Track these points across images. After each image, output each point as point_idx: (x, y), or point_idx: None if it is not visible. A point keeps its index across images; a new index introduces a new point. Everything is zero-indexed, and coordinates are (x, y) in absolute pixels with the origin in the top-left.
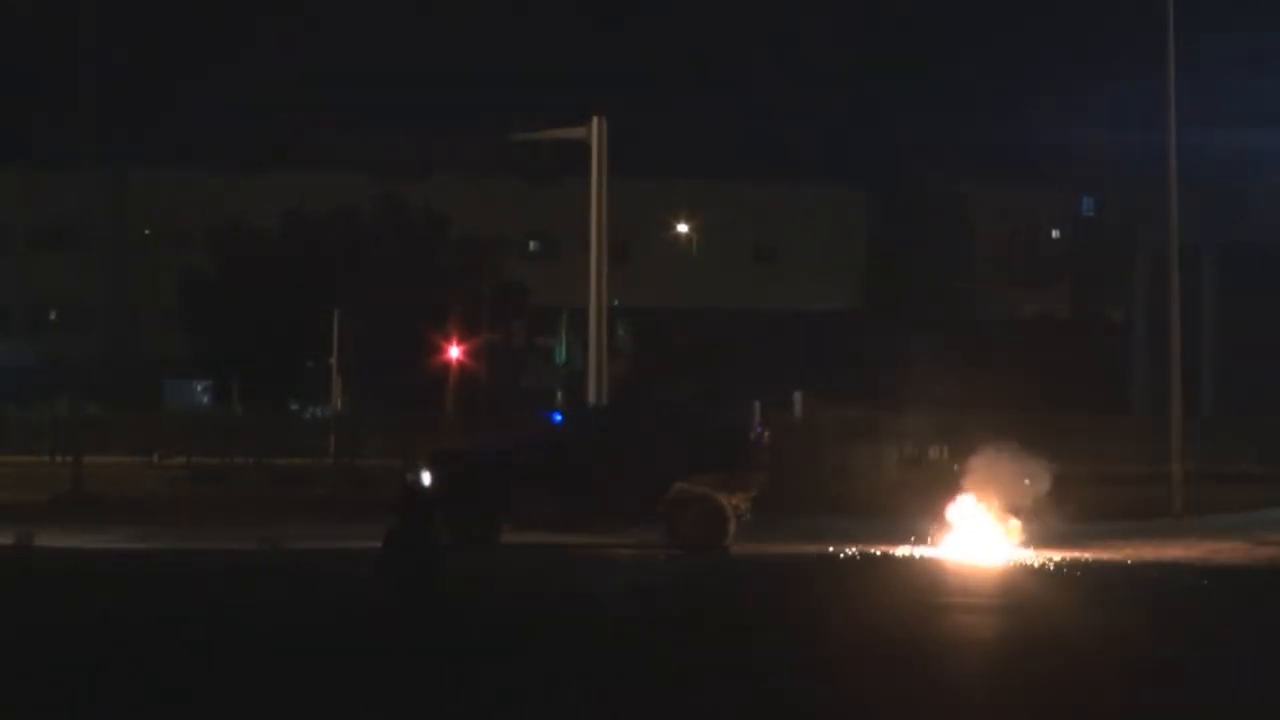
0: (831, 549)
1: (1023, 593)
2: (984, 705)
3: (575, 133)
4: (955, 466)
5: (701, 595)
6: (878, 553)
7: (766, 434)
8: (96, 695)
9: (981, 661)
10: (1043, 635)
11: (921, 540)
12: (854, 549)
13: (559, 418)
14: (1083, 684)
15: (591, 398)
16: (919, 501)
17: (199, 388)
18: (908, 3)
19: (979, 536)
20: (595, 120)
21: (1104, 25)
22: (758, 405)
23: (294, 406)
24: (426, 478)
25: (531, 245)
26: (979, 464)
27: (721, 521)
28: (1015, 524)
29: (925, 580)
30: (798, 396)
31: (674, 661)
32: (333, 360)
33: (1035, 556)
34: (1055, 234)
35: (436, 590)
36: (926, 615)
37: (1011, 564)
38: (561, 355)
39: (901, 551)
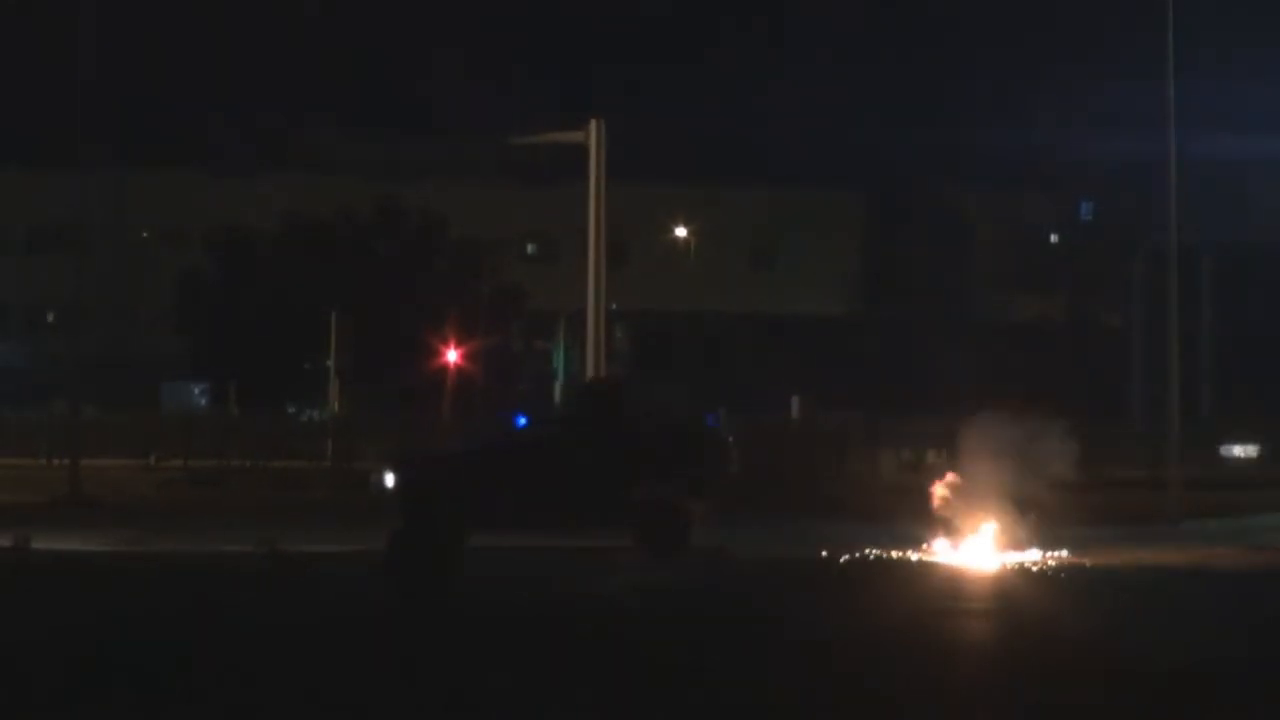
0: (818, 552)
1: (1017, 600)
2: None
3: (573, 136)
4: (950, 463)
5: (693, 600)
6: (864, 555)
7: (730, 438)
8: (92, 697)
9: (938, 668)
10: (1031, 643)
11: (916, 544)
12: (842, 552)
13: (522, 420)
14: (1077, 695)
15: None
16: (914, 505)
17: (196, 390)
18: (907, 7)
19: (974, 540)
20: (593, 124)
21: (1103, 28)
22: (722, 411)
23: (291, 409)
24: (389, 480)
25: (529, 248)
26: (978, 457)
27: (683, 525)
28: (1016, 521)
29: (919, 586)
30: (795, 400)
31: (680, 666)
32: (330, 363)
33: (1032, 561)
34: (1054, 238)
35: (446, 592)
36: (922, 622)
37: (1006, 569)
38: (559, 359)
39: (894, 555)
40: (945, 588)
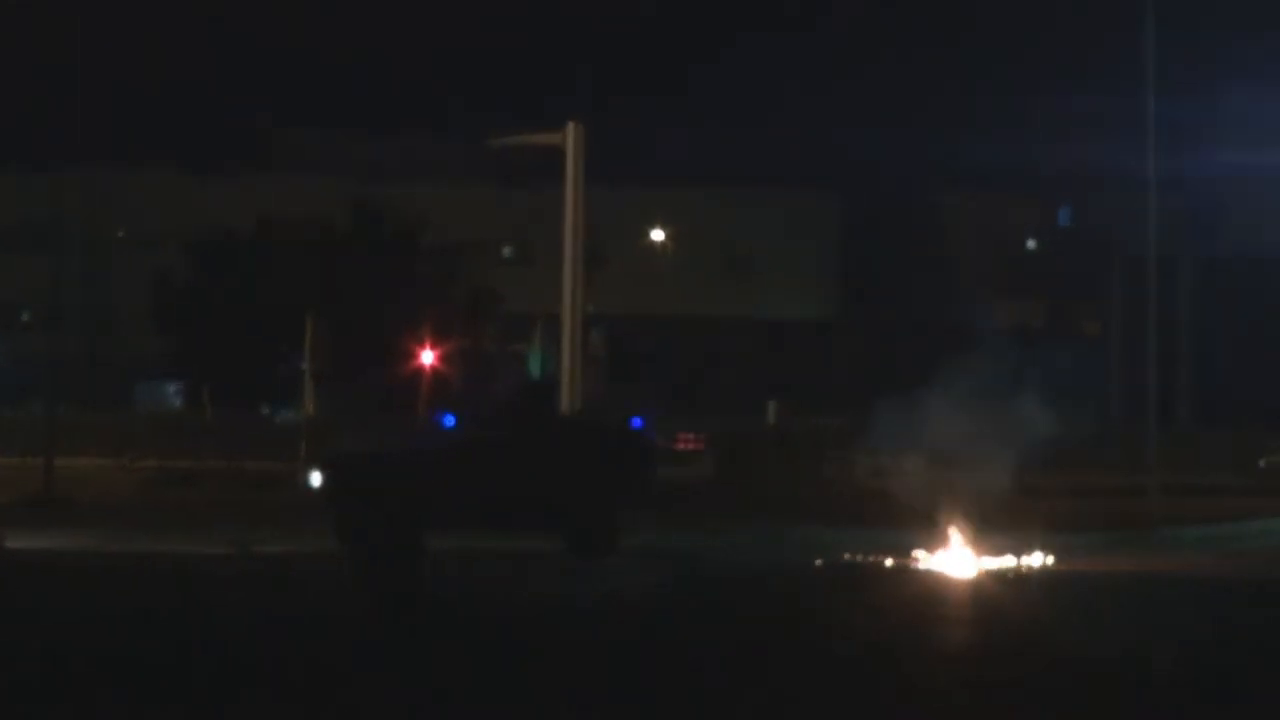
0: (787, 557)
1: (996, 605)
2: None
3: (551, 138)
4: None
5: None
6: (835, 561)
7: (659, 441)
8: (61, 695)
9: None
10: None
11: (890, 548)
12: (812, 557)
13: (451, 420)
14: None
15: (564, 405)
16: (890, 510)
17: (171, 390)
18: (888, 12)
19: (953, 545)
20: (571, 126)
21: (1086, 35)
22: (653, 412)
23: (266, 410)
24: (316, 479)
25: (506, 251)
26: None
27: (609, 530)
28: (990, 527)
29: (907, 593)
30: (772, 405)
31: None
32: (304, 364)
33: (1010, 567)
34: (1031, 244)
35: (423, 597)
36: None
37: (984, 575)
38: (536, 363)
39: (869, 560)
40: (917, 594)
